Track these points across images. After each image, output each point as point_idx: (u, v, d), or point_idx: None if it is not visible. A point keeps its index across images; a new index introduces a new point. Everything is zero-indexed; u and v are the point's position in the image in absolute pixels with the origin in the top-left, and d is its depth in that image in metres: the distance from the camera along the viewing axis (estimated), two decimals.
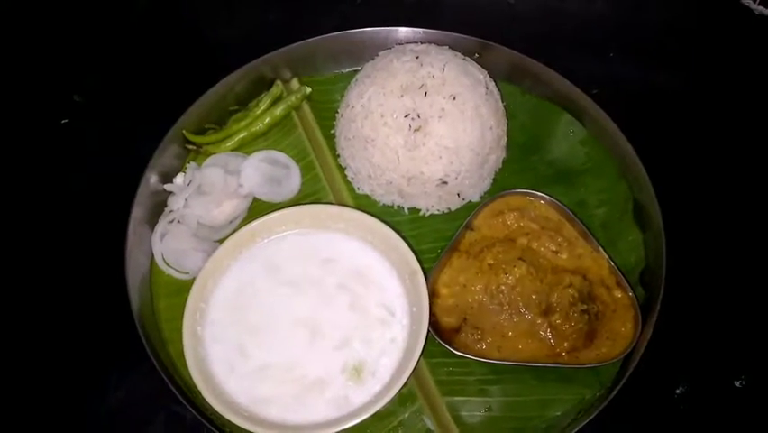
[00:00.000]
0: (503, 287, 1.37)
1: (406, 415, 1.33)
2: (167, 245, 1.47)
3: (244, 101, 1.68)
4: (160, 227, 1.49)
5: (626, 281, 1.39)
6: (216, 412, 1.21)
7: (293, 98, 1.66)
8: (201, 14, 1.96)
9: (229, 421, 1.21)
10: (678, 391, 1.38)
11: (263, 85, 1.69)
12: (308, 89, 1.68)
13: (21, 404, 1.38)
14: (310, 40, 1.67)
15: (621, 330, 1.36)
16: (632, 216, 1.52)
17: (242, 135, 1.61)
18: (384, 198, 1.57)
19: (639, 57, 1.86)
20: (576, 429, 1.26)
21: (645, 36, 1.91)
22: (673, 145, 1.68)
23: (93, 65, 1.84)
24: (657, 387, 1.38)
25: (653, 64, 1.85)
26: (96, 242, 1.51)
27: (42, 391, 1.39)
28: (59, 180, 1.65)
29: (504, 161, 1.62)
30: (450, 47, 1.62)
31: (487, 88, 1.55)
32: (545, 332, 1.35)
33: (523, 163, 1.63)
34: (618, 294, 1.39)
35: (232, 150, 1.61)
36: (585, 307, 1.34)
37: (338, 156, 1.63)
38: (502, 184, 1.60)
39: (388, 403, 1.22)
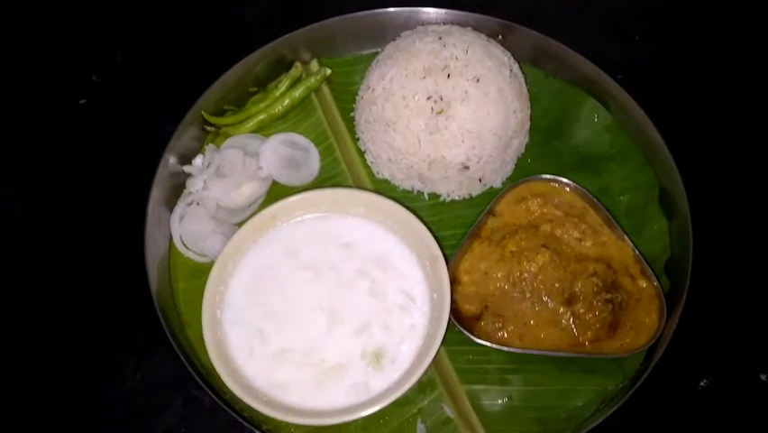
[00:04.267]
0: (525, 274, 1.35)
1: (426, 403, 1.31)
2: (185, 227, 1.46)
3: (263, 82, 1.66)
4: (178, 209, 1.48)
5: (650, 270, 1.36)
6: (235, 396, 1.20)
7: (312, 80, 1.63)
8: None
9: (247, 405, 1.20)
10: (702, 384, 1.36)
11: (282, 66, 1.67)
12: (328, 71, 1.65)
13: (41, 386, 1.39)
14: (330, 20, 1.65)
15: (645, 320, 1.33)
16: (657, 204, 1.49)
17: (261, 117, 1.59)
18: (404, 182, 1.55)
19: (665, 42, 1.82)
20: (598, 421, 1.24)
21: (672, 21, 1.86)
22: (700, 132, 1.64)
23: (112, 45, 1.82)
24: (681, 379, 1.36)
25: (680, 49, 1.80)
26: (115, 223, 1.51)
27: (62, 373, 1.40)
28: (78, 161, 1.64)
29: (526, 146, 1.59)
30: (473, 28, 1.58)
31: (511, 71, 1.52)
32: (568, 321, 1.32)
33: (546, 148, 1.60)
34: (643, 283, 1.36)
35: (250, 132, 1.59)
36: (609, 296, 1.32)
37: (358, 140, 1.61)
38: (524, 170, 1.57)
39: (409, 391, 1.21)
